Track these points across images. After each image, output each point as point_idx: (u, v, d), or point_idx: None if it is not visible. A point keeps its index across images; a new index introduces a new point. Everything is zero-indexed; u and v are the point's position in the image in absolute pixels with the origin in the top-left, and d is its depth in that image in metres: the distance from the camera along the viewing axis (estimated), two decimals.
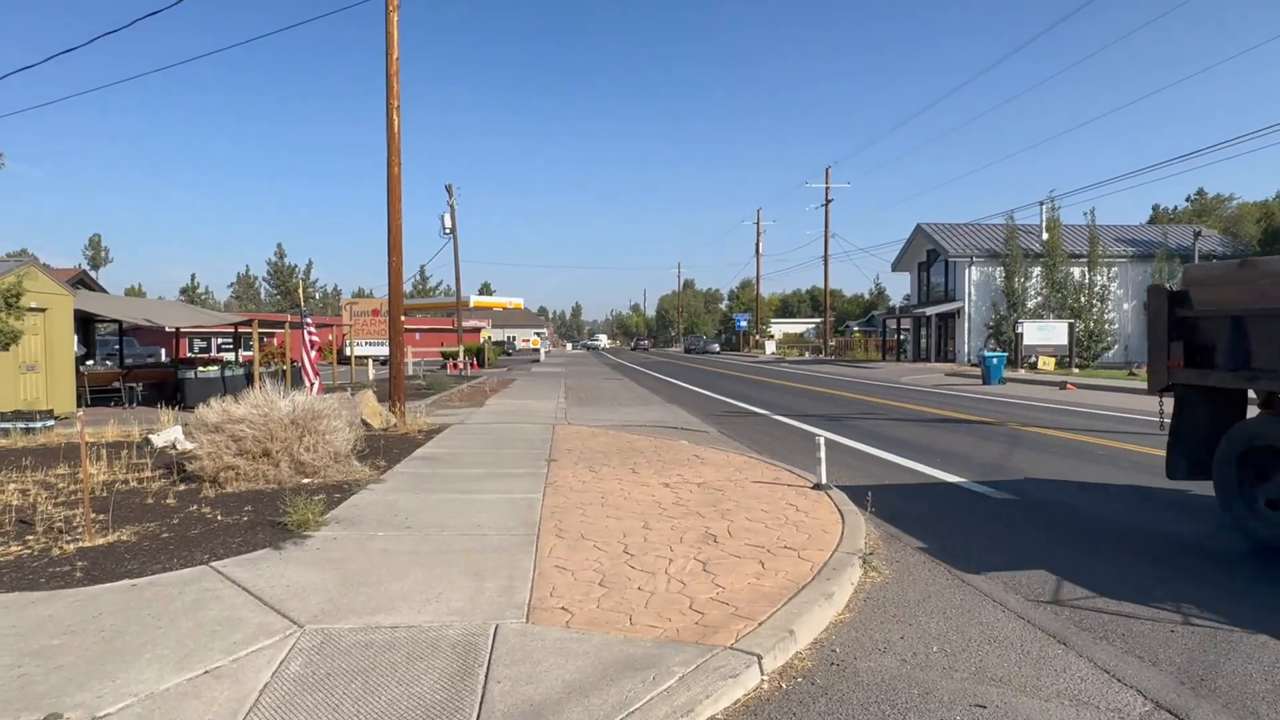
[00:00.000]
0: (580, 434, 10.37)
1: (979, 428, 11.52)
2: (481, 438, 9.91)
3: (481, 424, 11.70)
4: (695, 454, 8.58)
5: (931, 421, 12.59)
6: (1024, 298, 31.20)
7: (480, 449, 8.87)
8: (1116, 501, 6.37)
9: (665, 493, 6.37)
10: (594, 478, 7.05)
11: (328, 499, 5.98)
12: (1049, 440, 9.95)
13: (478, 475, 7.16)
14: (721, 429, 11.72)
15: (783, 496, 6.20)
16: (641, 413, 14.15)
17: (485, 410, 14.07)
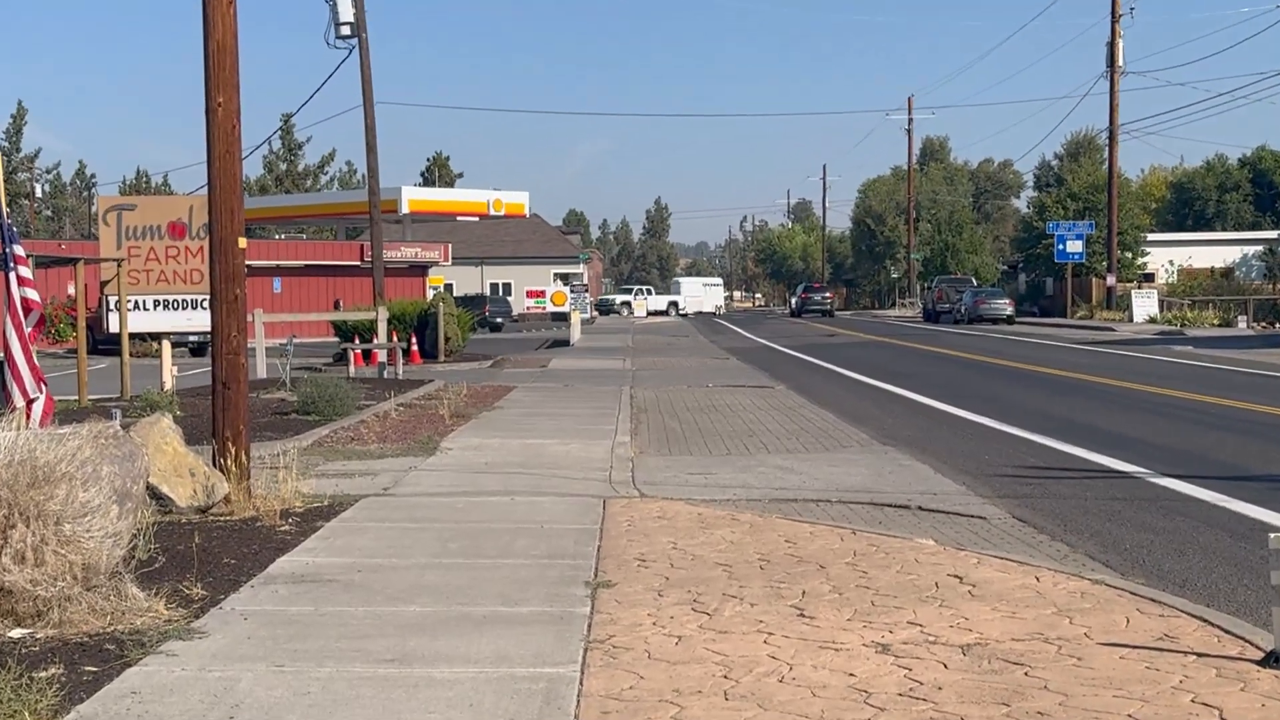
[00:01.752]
0: (669, 518, 10.61)
1: None
2: (433, 528, 10.30)
3: (432, 493, 12.17)
4: (953, 570, 8.61)
5: None
6: None
7: (429, 557, 9.20)
8: None
9: (881, 669, 6.36)
10: (706, 629, 7.13)
11: (63, 684, 6.29)
12: None
13: (421, 621, 7.38)
14: (1020, 509, 11.78)
15: (1184, 683, 6.05)
16: (823, 467, 14.28)
17: (441, 460, 14.61)
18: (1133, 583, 8.45)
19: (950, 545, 9.80)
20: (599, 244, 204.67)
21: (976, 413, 20.15)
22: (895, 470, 14.28)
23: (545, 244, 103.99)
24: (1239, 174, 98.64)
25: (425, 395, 23.11)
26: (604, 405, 21.64)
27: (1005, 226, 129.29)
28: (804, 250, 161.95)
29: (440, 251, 67.49)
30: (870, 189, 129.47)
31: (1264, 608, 7.46)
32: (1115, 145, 64.64)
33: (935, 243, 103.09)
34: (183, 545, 9.32)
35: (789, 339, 51.65)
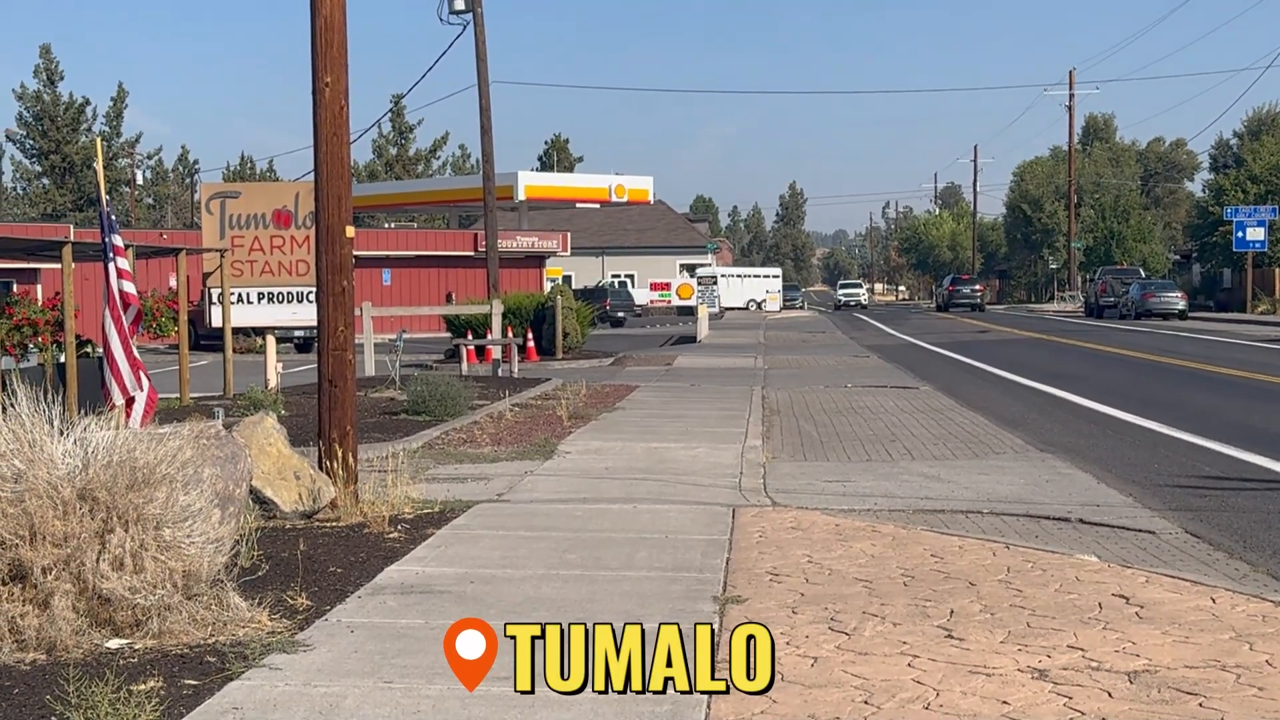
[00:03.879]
0: (804, 529, 10.57)
1: None
2: (550, 537, 10.36)
3: (548, 500, 12.26)
4: (1118, 589, 8.43)
5: None
6: None
7: (546, 568, 9.26)
8: None
9: (1038, 697, 6.27)
10: (844, 650, 7.10)
11: (162, 699, 6.40)
12: None
13: None
14: (1193, 523, 11.55)
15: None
16: (973, 475, 14.14)
17: (558, 464, 14.71)
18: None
19: (1115, 562, 9.62)
20: (728, 232, 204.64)
21: (1145, 417, 19.75)
22: (1054, 479, 14.05)
23: (670, 233, 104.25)
24: None
25: (542, 395, 23.28)
26: (733, 406, 21.61)
27: (1177, 212, 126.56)
28: (952, 239, 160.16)
29: (558, 241, 67.88)
30: (1026, 172, 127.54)
31: None
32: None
33: (1098, 230, 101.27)
34: (287, 552, 9.49)
35: (935, 335, 51.11)
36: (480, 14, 37.13)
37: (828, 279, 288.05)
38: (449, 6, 37.08)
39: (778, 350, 42.12)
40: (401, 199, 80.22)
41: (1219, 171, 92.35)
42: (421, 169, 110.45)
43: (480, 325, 33.76)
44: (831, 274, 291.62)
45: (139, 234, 54.00)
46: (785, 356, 38.55)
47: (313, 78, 11.94)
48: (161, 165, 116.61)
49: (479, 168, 43.34)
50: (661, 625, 5.95)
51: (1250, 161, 79.19)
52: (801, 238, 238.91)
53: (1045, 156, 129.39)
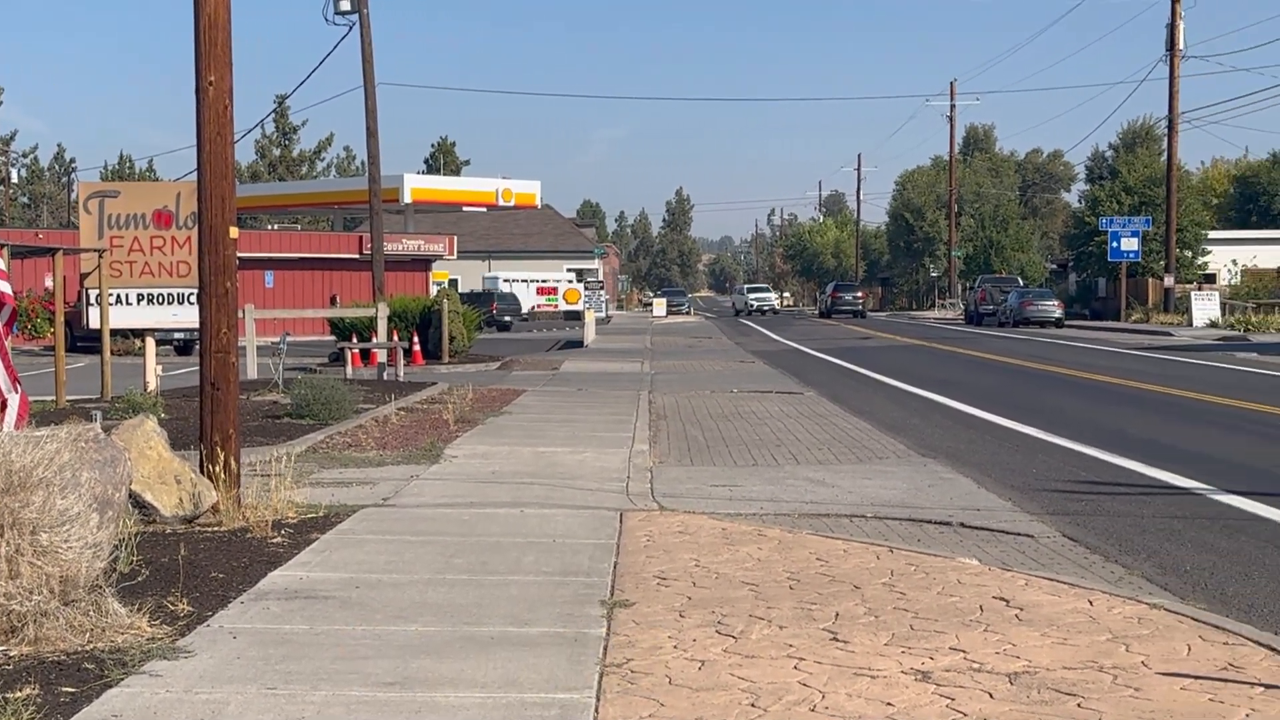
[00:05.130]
0: (691, 533, 10.58)
1: None
2: (437, 542, 10.29)
3: (435, 504, 12.18)
4: (998, 592, 8.57)
5: None
6: None
7: (432, 573, 9.20)
8: None
9: (921, 699, 6.34)
10: (731, 654, 7.12)
11: (39, 706, 6.25)
12: None
13: (423, 642, 7.37)
14: (1071, 527, 11.76)
15: (1251, 717, 6.04)
16: (857, 479, 14.28)
17: (445, 468, 14.62)
18: (1194, 607, 8.41)
19: (995, 565, 9.76)
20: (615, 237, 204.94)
21: (1024, 423, 20.09)
22: (936, 484, 14.23)
23: (558, 237, 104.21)
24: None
25: (428, 399, 23.14)
26: (621, 411, 21.64)
27: (1054, 222, 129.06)
28: (836, 246, 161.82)
29: (445, 244, 67.56)
30: (909, 181, 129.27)
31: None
32: (1175, 135, 64.49)
33: (978, 239, 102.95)
34: (167, 558, 9.34)
35: (820, 342, 51.59)
36: (366, 15, 36.85)
37: (714, 285, 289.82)
38: (334, 6, 36.75)
39: (664, 355, 42.26)
40: (285, 200, 79.35)
41: (1095, 183, 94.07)
42: (306, 170, 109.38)
43: (365, 329, 33.46)
44: (718, 280, 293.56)
45: (13, 233, 52.85)
46: (672, 361, 38.69)
47: (196, 76, 11.77)
48: (37, 164, 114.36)
49: (364, 169, 43.03)
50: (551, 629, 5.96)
51: (1125, 173, 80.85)
52: (688, 243, 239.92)
53: (927, 166, 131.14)
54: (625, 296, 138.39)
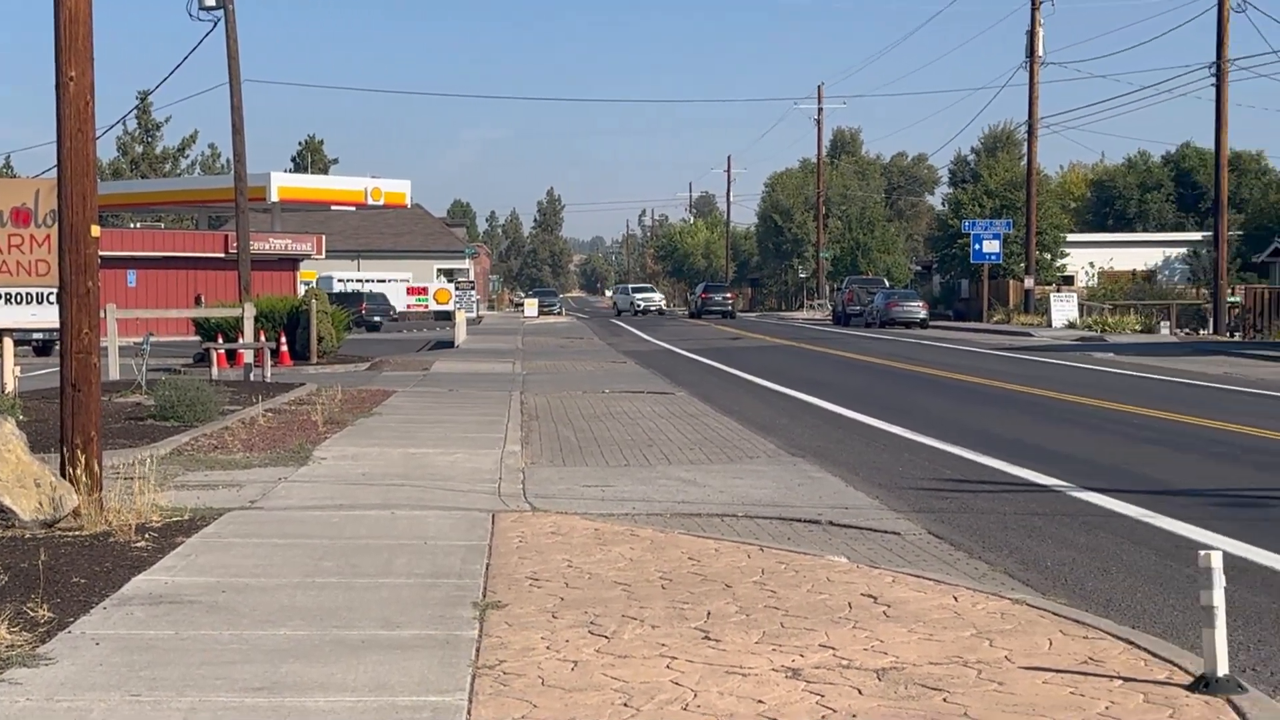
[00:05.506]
0: (564, 534, 10.56)
1: None
2: (305, 545, 10.17)
3: (304, 507, 12.02)
4: (866, 589, 8.66)
5: None
6: None
7: (301, 576, 9.08)
8: None
9: (791, 696, 6.38)
10: (604, 654, 7.11)
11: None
12: None
13: (292, 646, 7.27)
14: (936, 524, 11.93)
15: (1110, 709, 6.14)
16: (728, 479, 14.34)
17: (314, 470, 14.45)
18: (1055, 602, 8.58)
19: (864, 563, 9.88)
20: (486, 237, 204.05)
21: (891, 422, 20.37)
22: (805, 483, 14.37)
23: (428, 237, 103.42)
24: (1161, 172, 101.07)
25: (296, 400, 22.85)
26: (492, 412, 21.54)
27: (919, 224, 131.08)
28: (706, 247, 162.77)
29: (313, 244, 66.66)
30: (777, 183, 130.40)
31: (1192, 629, 7.62)
32: (1034, 140, 65.80)
33: (846, 241, 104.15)
34: (27, 563, 9.11)
35: (691, 342, 51.84)
36: (232, 10, 36.29)
37: (585, 285, 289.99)
38: (199, 2, 36.13)
39: (536, 356, 42.17)
40: (148, 198, 77.82)
41: (958, 186, 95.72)
42: (169, 168, 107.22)
43: (231, 329, 32.92)
44: (589, 280, 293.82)
45: None
46: (543, 362, 38.62)
47: (56, 72, 11.50)
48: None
49: (230, 167, 42.44)
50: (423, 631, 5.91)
51: (986, 177, 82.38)
52: (559, 244, 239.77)
53: (796, 168, 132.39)
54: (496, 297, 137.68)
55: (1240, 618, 8.27)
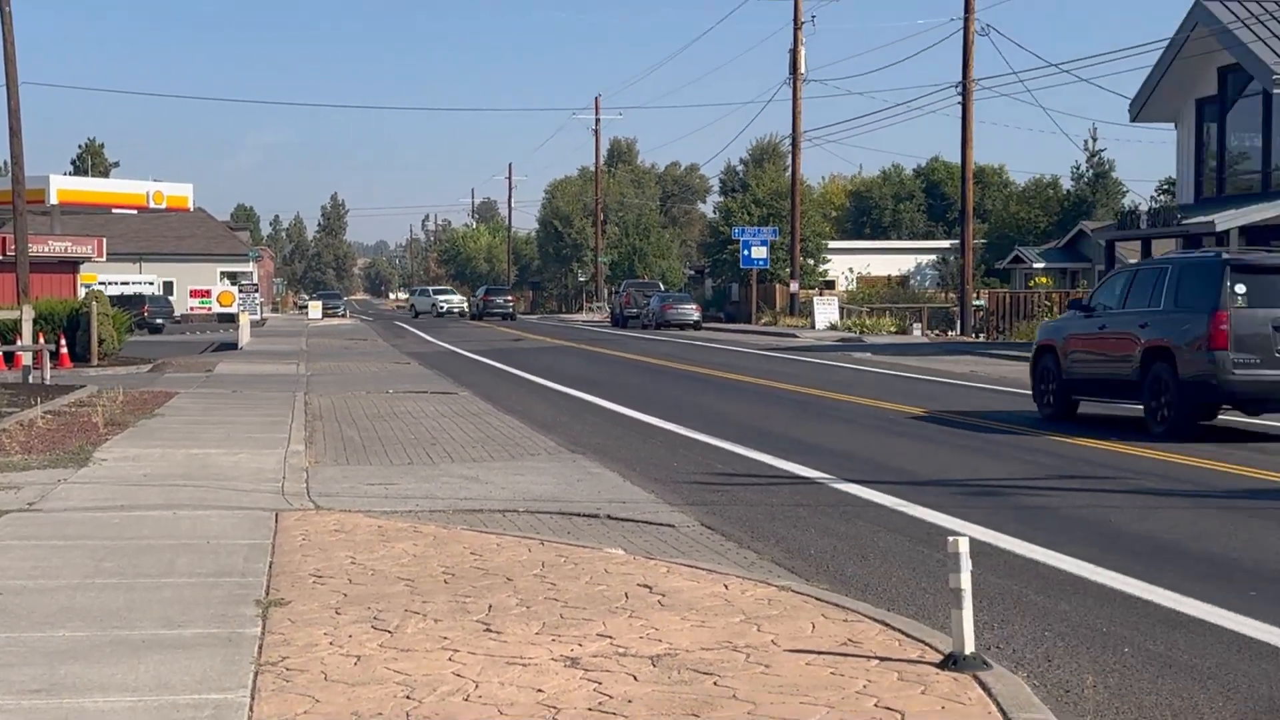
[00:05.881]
0: (347, 531, 10.41)
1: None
2: (85, 546, 9.83)
3: (84, 508, 11.61)
4: (642, 579, 8.71)
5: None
6: None
7: (82, 578, 8.77)
8: None
9: (570, 684, 6.37)
10: (387, 648, 7.02)
11: None
12: None
13: (72, 647, 7.00)
14: (708, 516, 12.05)
15: (868, 688, 6.29)
16: (510, 476, 14.28)
17: (94, 471, 13.95)
18: (818, 588, 8.75)
19: (640, 554, 9.93)
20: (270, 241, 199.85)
21: (666, 420, 20.55)
22: (584, 478, 14.40)
23: (211, 240, 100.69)
24: (914, 184, 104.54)
25: (77, 402, 22.02)
26: (276, 413, 21.07)
27: (692, 231, 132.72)
28: (489, 251, 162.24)
29: (94, 246, 64.11)
30: (557, 190, 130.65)
31: (943, 610, 7.82)
32: (798, 152, 67.21)
33: (623, 246, 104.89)
34: None
35: (473, 343, 51.53)
36: (9, 12, 34.82)
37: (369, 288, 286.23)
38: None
39: (321, 357, 41.42)
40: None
41: (728, 195, 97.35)
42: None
43: (9, 331, 31.61)
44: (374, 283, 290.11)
45: None
46: (328, 363, 37.95)
47: None
48: None
49: (8, 169, 40.66)
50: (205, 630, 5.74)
51: (754, 186, 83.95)
52: (343, 247, 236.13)
53: (575, 176, 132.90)
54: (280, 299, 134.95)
55: (986, 599, 8.55)
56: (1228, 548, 10.53)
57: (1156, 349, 18.21)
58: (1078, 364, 20.15)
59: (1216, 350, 17.27)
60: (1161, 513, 12.24)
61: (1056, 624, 8.14)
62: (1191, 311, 17.86)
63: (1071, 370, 20.20)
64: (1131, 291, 19.52)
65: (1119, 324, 19.34)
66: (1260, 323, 17.42)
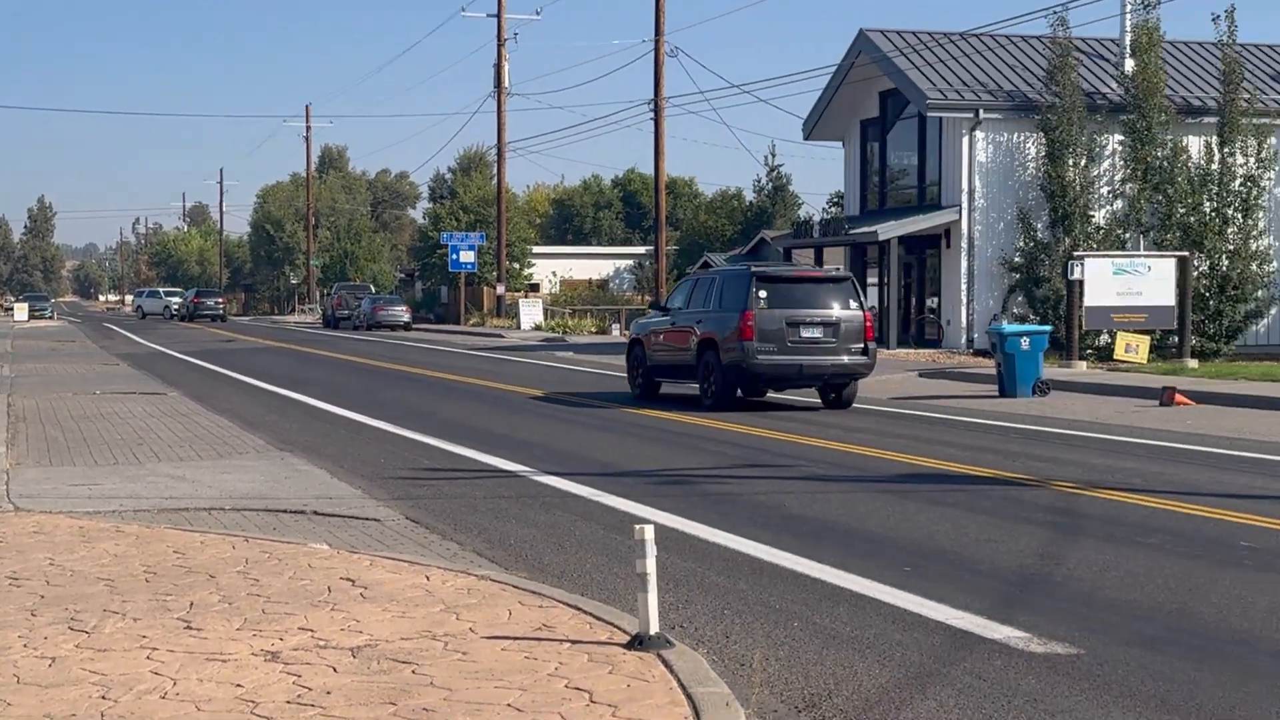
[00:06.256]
0: (47, 533, 9.89)
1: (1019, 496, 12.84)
2: None
3: None
4: (346, 573, 8.55)
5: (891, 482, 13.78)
6: (1084, 200, 35.21)
7: None
8: None
9: (269, 678, 6.19)
10: (83, 649, 6.69)
11: None
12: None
13: None
14: (413, 510, 11.94)
15: (559, 670, 6.31)
16: (217, 474, 13.84)
17: None
18: (516, 577, 8.75)
19: (344, 549, 9.74)
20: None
21: (375, 417, 20.25)
22: (292, 476, 14.03)
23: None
24: (612, 194, 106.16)
25: None
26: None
27: (403, 235, 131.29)
28: (201, 254, 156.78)
29: None
30: (269, 195, 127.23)
31: (632, 594, 7.93)
32: (503, 162, 67.18)
33: (335, 250, 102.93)
34: None
35: (184, 344, 49.69)
36: None
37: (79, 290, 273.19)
38: None
39: (27, 358, 39.23)
40: None
41: (437, 201, 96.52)
42: None
43: None
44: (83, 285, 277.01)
45: None
46: (34, 364, 35.97)
47: None
48: None
49: None
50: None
51: (462, 194, 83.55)
52: (51, 250, 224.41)
53: (287, 182, 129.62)
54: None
55: (672, 581, 8.72)
56: (885, 527, 11.01)
57: (707, 340, 21.63)
58: (657, 353, 23.56)
59: (745, 341, 20.73)
60: (829, 496, 12.71)
61: (735, 602, 8.35)
62: (730, 311, 21.23)
63: (653, 358, 23.63)
64: (693, 296, 23.03)
65: (683, 321, 22.58)
66: (777, 320, 20.89)
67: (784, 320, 20.91)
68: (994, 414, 21.04)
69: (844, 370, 21.40)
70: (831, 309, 21.35)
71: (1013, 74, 37.52)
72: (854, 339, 21.22)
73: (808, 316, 21.18)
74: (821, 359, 21.12)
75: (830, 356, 21.14)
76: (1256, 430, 18.30)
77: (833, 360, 21.15)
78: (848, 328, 21.23)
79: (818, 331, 21.20)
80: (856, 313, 21.41)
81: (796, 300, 21.38)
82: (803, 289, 21.87)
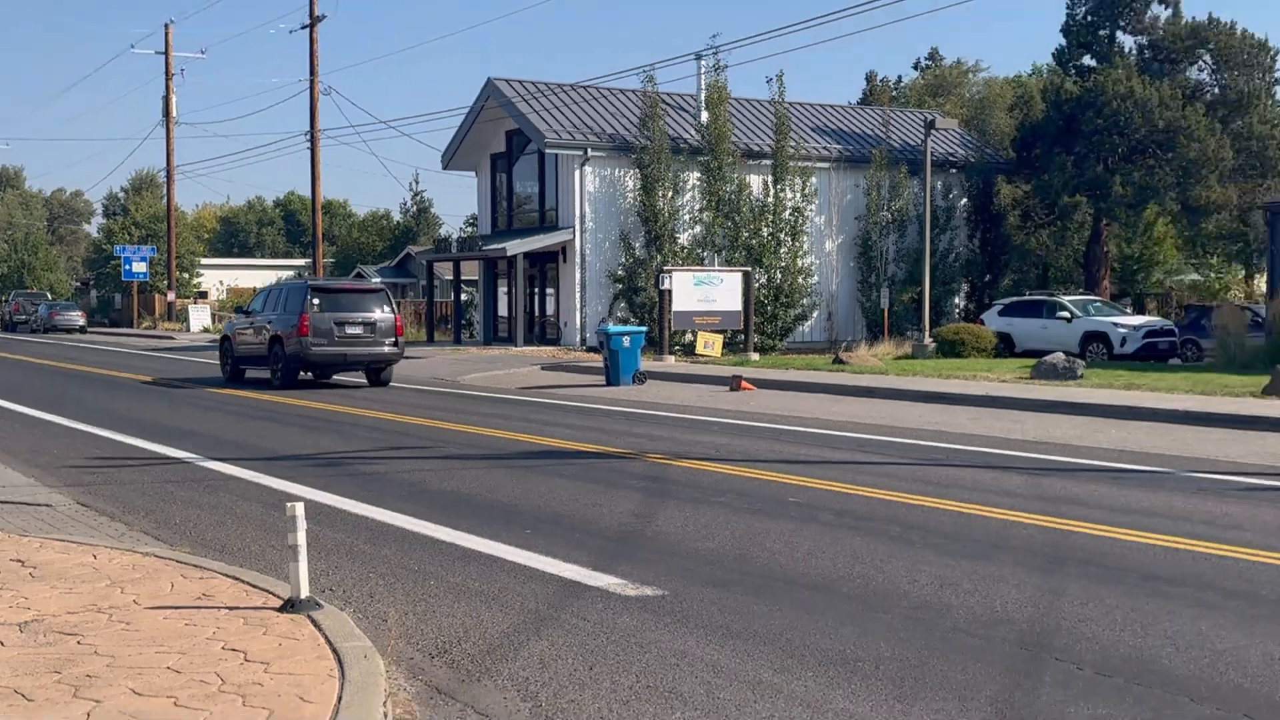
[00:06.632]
0: None
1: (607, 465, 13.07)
2: None
3: None
4: (16, 555, 7.86)
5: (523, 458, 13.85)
6: (671, 224, 36.60)
7: None
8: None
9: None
10: None
11: None
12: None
13: None
14: (85, 496, 11.13)
15: (217, 634, 6.01)
16: None
17: None
18: (180, 552, 8.27)
19: (15, 532, 8.93)
20: None
21: (49, 412, 18.72)
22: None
23: None
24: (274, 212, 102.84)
25: None
26: None
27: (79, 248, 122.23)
28: None
29: None
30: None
31: (286, 564, 7.64)
32: (172, 183, 63.75)
33: (13, 261, 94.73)
34: None
35: None
36: None
37: None
38: None
39: None
40: None
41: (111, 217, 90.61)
42: None
43: None
44: None
45: None
46: None
47: None
48: None
49: None
50: None
51: (134, 211, 78.81)
52: None
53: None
54: None
55: (324, 551, 8.46)
56: (511, 497, 11.03)
57: (276, 336, 23.96)
58: (242, 345, 25.65)
59: (303, 336, 23.29)
60: (465, 472, 12.63)
61: (379, 567, 8.17)
62: (292, 314, 23.64)
63: (239, 350, 25.75)
64: (268, 302, 25.24)
65: (261, 321, 24.79)
66: (327, 321, 23.43)
67: (333, 321, 23.46)
68: (602, 399, 21.53)
69: (381, 358, 24.14)
70: (372, 312, 23.91)
71: (615, 120, 38.48)
72: (388, 335, 23.87)
73: (351, 318, 23.67)
74: (362, 349, 23.79)
75: (369, 348, 23.83)
76: (800, 409, 19.47)
77: (371, 351, 23.87)
78: (383, 326, 23.85)
79: (359, 329, 23.71)
80: (389, 315, 24.05)
81: (343, 306, 23.87)
82: (348, 297, 24.42)
